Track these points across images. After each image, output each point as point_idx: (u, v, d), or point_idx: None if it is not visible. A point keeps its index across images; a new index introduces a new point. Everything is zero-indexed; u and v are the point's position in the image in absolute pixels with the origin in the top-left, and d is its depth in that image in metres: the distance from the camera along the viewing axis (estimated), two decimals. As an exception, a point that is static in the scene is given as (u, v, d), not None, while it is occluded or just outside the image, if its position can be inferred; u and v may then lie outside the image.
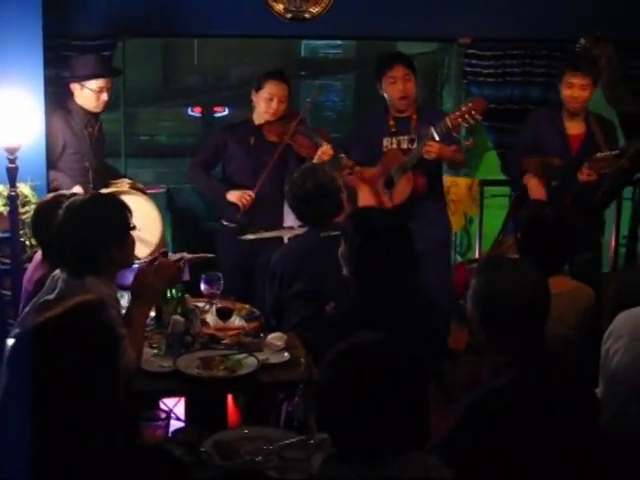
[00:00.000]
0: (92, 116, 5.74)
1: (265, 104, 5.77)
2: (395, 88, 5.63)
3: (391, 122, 5.74)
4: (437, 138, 5.36)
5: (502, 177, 7.16)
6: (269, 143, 5.80)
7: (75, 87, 5.65)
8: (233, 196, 5.74)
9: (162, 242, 5.39)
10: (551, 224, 4.17)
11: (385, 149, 5.72)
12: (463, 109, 5.36)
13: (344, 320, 3.75)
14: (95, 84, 5.60)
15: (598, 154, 5.37)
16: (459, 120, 5.36)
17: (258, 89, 5.78)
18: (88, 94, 5.62)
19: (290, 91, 5.87)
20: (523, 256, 4.10)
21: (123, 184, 5.53)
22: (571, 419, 2.88)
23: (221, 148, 5.89)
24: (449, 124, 5.36)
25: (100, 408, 2.34)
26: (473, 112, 5.33)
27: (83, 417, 2.30)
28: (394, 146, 5.70)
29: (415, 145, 5.62)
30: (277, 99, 5.76)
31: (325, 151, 5.61)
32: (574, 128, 5.67)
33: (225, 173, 5.95)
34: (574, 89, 5.53)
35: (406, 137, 5.69)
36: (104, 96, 5.65)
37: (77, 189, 5.32)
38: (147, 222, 5.19)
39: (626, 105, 6.13)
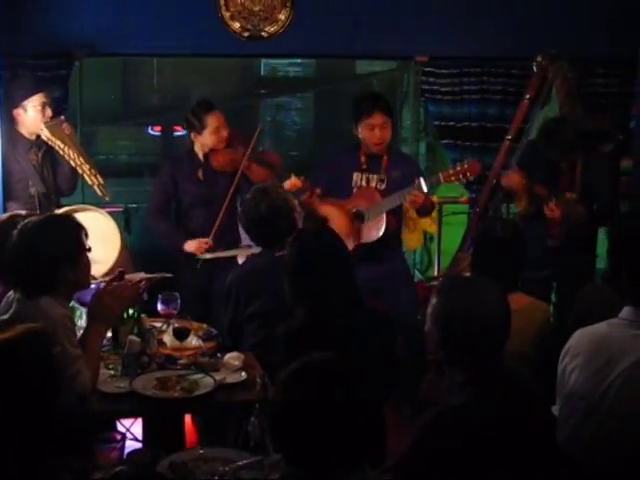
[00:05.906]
0: (35, 141, 5.70)
1: (215, 136, 5.69)
2: (373, 135, 5.58)
3: (362, 158, 5.70)
4: (426, 190, 5.39)
5: (460, 194, 7.21)
6: (218, 172, 5.75)
7: (18, 112, 5.64)
8: (190, 247, 5.66)
9: (122, 257, 5.31)
10: (501, 239, 4.16)
11: (355, 184, 5.70)
12: (458, 169, 5.42)
13: (288, 340, 3.75)
14: (37, 100, 5.59)
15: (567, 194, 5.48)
16: (452, 178, 5.44)
17: (202, 129, 5.70)
18: (33, 113, 5.60)
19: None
20: (476, 272, 4.08)
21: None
22: (527, 437, 2.87)
23: (171, 187, 5.79)
24: (441, 179, 5.45)
25: (37, 435, 2.35)
26: (468, 174, 5.41)
27: (19, 443, 2.31)
28: (364, 182, 5.69)
29: (384, 185, 5.63)
30: (222, 127, 5.72)
31: (294, 183, 5.55)
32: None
33: (182, 207, 5.84)
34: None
35: (376, 176, 5.67)
36: (48, 111, 5.63)
37: None
38: (105, 238, 5.16)
39: (582, 122, 6.15)
